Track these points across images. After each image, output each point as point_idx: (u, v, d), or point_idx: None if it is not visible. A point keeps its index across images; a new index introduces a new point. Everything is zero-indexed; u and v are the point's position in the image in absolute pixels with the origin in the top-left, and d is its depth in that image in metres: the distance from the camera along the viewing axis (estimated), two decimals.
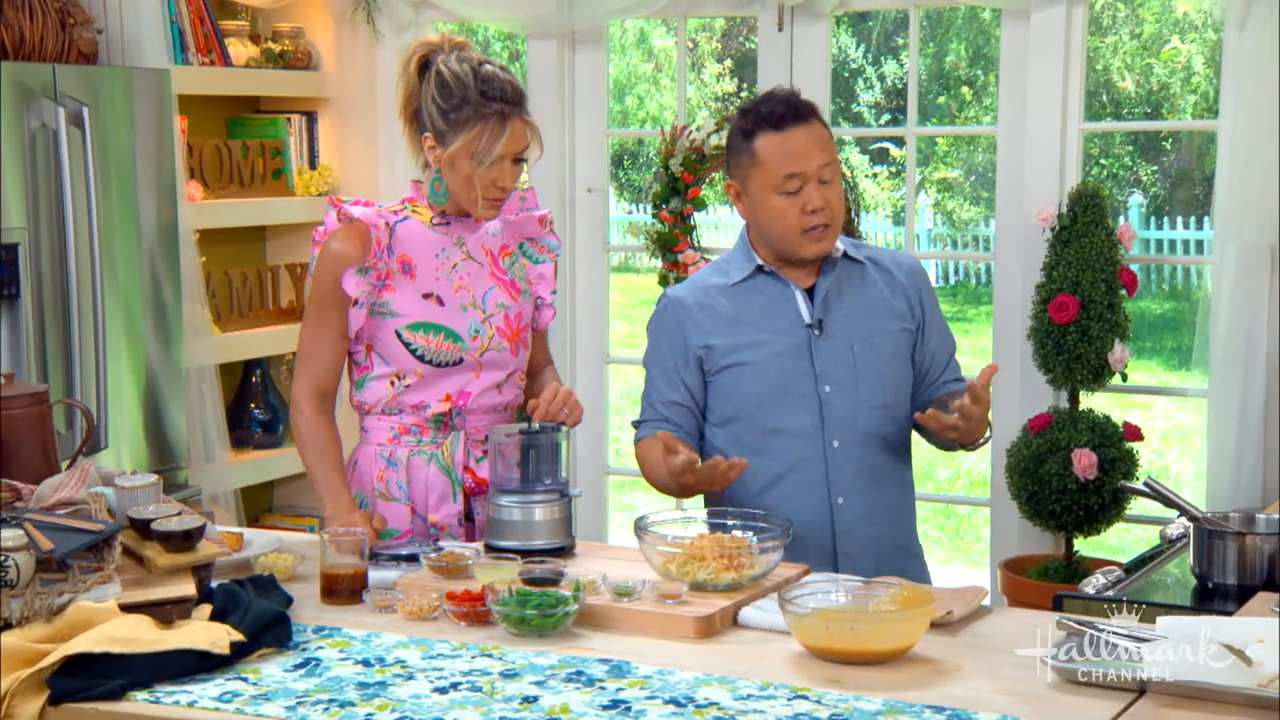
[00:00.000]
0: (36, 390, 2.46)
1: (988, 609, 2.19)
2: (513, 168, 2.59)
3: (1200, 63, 11.30)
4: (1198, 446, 4.99)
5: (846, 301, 2.61)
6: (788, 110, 2.57)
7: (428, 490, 2.63)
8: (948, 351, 2.69)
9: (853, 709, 1.79)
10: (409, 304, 2.61)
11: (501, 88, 2.55)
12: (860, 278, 2.64)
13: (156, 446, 3.95)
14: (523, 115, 2.58)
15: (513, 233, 2.73)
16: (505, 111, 2.54)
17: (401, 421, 2.63)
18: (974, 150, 12.95)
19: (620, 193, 12.09)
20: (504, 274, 2.68)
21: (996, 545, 4.25)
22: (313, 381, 2.61)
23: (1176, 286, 11.77)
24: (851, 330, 2.59)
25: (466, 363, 2.61)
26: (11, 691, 1.82)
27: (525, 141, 2.59)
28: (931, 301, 2.68)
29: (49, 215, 3.63)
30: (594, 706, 1.80)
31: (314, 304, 2.63)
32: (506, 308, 2.65)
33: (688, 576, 2.19)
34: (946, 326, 2.72)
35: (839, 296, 2.61)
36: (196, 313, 4.12)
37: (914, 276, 2.67)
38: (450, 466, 2.63)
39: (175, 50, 4.20)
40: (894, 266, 2.67)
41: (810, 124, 2.58)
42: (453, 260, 2.64)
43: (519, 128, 2.57)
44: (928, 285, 2.69)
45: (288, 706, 1.81)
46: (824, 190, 2.55)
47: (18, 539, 1.99)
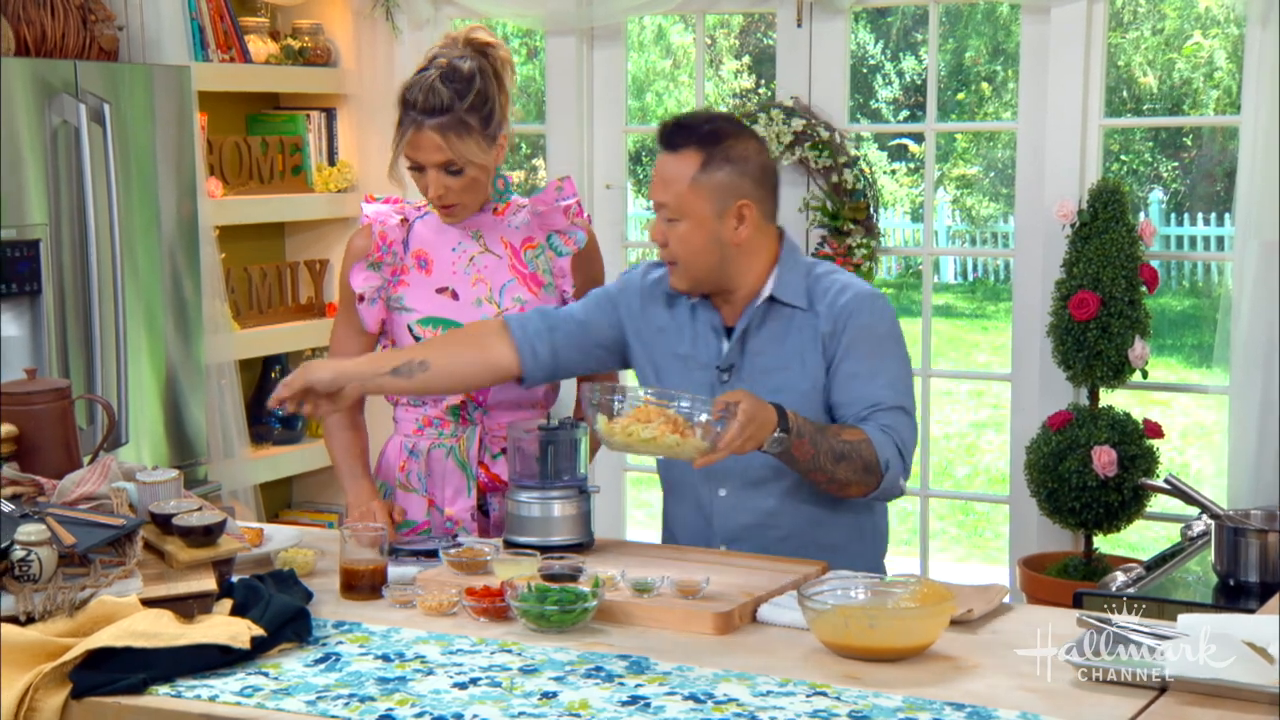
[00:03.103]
0: (59, 385, 2.47)
1: (1008, 606, 2.18)
2: (442, 176, 2.56)
3: (1223, 58, 11.24)
4: (1218, 443, 4.97)
5: (764, 350, 2.42)
6: (666, 132, 2.40)
7: (444, 483, 2.66)
8: (855, 400, 2.37)
9: (872, 705, 1.79)
10: (421, 299, 2.64)
11: (418, 96, 2.54)
12: (785, 323, 2.42)
13: (176, 442, 3.96)
14: (436, 128, 2.52)
15: (541, 224, 2.71)
16: (415, 120, 2.54)
17: (425, 413, 2.67)
18: (993, 146, 12.91)
19: (639, 189, 12.08)
20: (525, 267, 2.67)
21: (1015, 542, 4.24)
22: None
23: (1197, 283, 11.72)
24: (759, 384, 2.36)
25: None
26: (35, 685, 1.83)
27: (438, 155, 2.54)
28: (853, 342, 2.38)
29: (70, 211, 3.64)
30: (613, 702, 1.80)
31: (339, 300, 2.75)
32: (523, 301, 2.65)
33: (630, 437, 2.15)
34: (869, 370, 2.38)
35: (757, 344, 2.43)
36: (216, 309, 4.13)
37: (841, 320, 2.39)
38: (466, 461, 2.65)
39: (195, 47, 4.21)
40: (826, 311, 2.40)
41: (676, 154, 2.37)
42: (469, 254, 2.65)
43: (425, 138, 2.53)
44: (857, 326, 2.39)
45: (308, 701, 1.81)
46: (665, 228, 2.38)
47: (40, 534, 2.00)
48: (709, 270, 2.40)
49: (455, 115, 2.54)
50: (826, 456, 2.30)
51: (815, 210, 4.26)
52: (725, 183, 2.36)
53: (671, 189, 2.36)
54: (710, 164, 2.35)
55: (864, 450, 2.32)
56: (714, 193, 2.35)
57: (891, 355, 2.41)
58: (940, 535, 6.47)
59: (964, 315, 11.40)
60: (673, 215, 2.37)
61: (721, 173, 2.36)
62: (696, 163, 2.35)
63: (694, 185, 2.35)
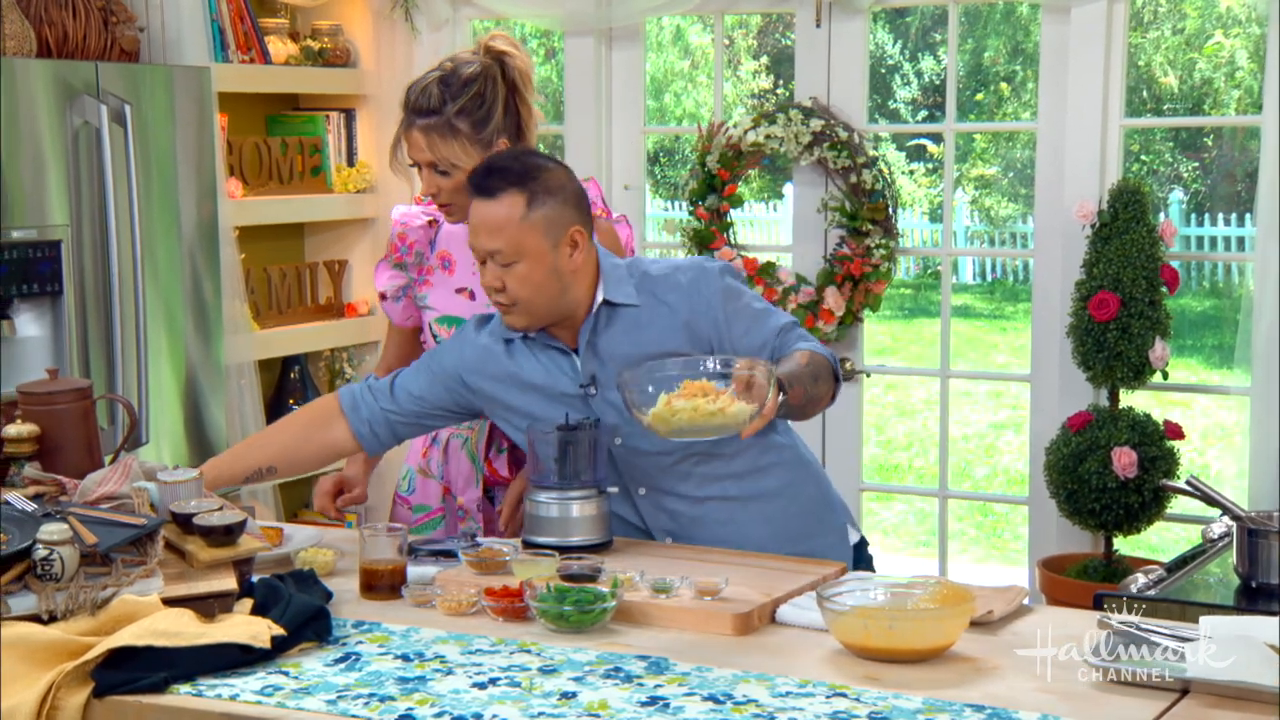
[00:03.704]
0: (81, 385, 2.48)
1: (1028, 608, 2.18)
2: (435, 176, 2.61)
3: (1244, 58, 11.18)
4: (1239, 445, 4.95)
5: (617, 349, 2.42)
6: (477, 179, 2.37)
7: (458, 473, 2.77)
8: (764, 335, 2.43)
9: (892, 707, 1.79)
10: (441, 298, 2.74)
11: (412, 97, 2.61)
12: (631, 320, 2.43)
13: (197, 442, 3.98)
14: (424, 129, 2.57)
15: None
16: (408, 119, 2.62)
17: None
18: (1012, 146, 12.87)
19: (656, 190, 12.08)
20: None
21: (1035, 544, 4.23)
22: (382, 367, 2.84)
23: (1218, 284, 11.66)
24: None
25: None
26: (57, 684, 1.84)
27: (424, 155, 2.59)
28: (726, 306, 2.42)
29: (91, 212, 3.66)
30: (632, 703, 1.80)
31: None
32: None
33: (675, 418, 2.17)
34: (761, 312, 2.45)
35: (607, 347, 2.43)
36: (236, 309, 4.15)
37: (694, 297, 2.42)
38: (475, 453, 2.75)
39: (216, 48, 4.23)
40: (671, 293, 2.43)
41: (496, 199, 2.34)
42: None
43: (413, 137, 2.60)
44: (717, 292, 2.42)
45: (328, 700, 1.82)
46: (500, 273, 2.36)
47: (63, 533, 2.01)
48: (551, 302, 2.40)
49: (444, 118, 2.58)
50: (809, 382, 2.34)
51: (834, 210, 4.25)
52: (553, 215, 2.36)
53: (502, 234, 2.34)
54: (534, 201, 2.35)
55: (819, 361, 2.39)
56: (546, 227, 2.36)
57: (752, 294, 2.50)
58: (959, 536, 6.45)
59: (983, 316, 11.37)
60: (508, 259, 2.35)
61: (546, 207, 2.36)
62: (521, 202, 2.35)
63: (525, 224, 2.35)
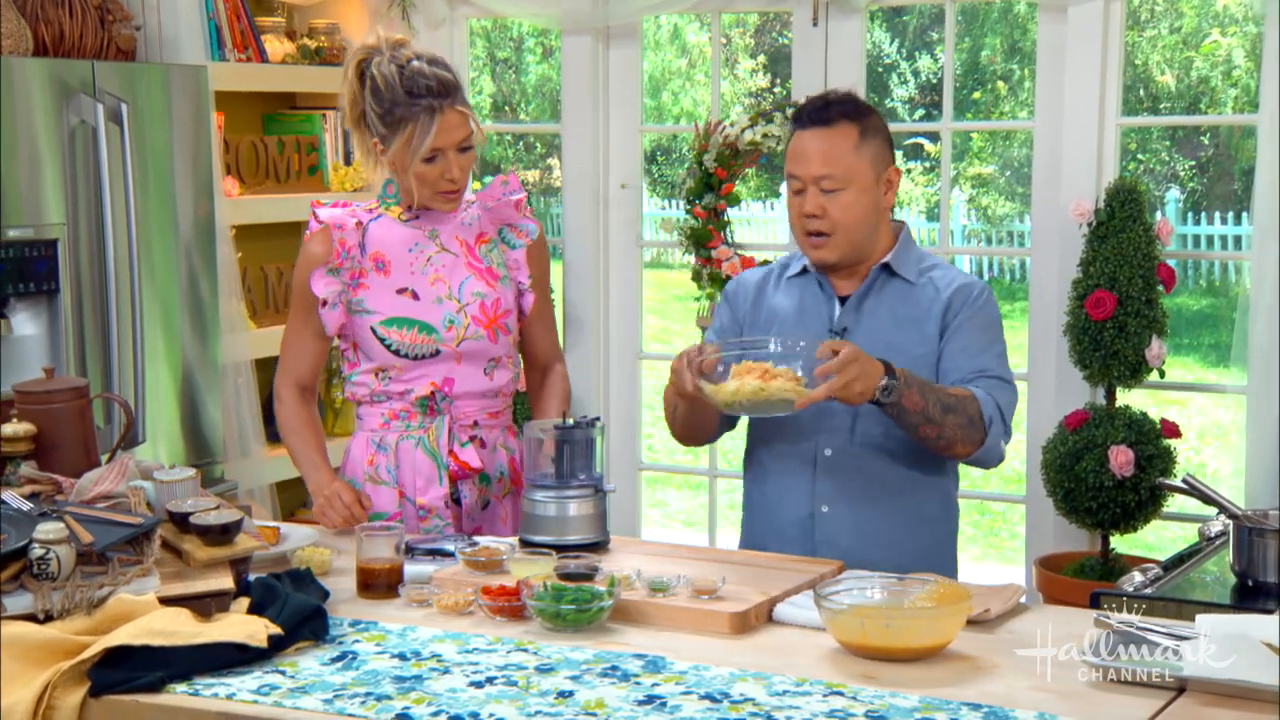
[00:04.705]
0: (77, 385, 2.48)
1: (1025, 606, 2.18)
2: (459, 157, 2.62)
3: (1241, 56, 11.19)
4: (1236, 443, 4.95)
5: (877, 314, 2.55)
6: (813, 111, 2.53)
7: (415, 474, 2.69)
8: (963, 368, 2.51)
9: (889, 705, 1.79)
10: (382, 300, 2.67)
11: (427, 83, 2.57)
12: (902, 294, 2.56)
13: (193, 441, 3.98)
14: (454, 105, 2.59)
15: (492, 219, 2.76)
16: (433, 106, 2.58)
17: (390, 408, 2.71)
18: (1009, 145, 12.87)
19: (654, 188, 12.08)
20: (480, 262, 2.72)
21: (1032, 542, 4.23)
22: (292, 376, 2.76)
23: (1214, 282, 11.67)
24: (871, 344, 2.47)
25: (444, 354, 2.67)
26: (53, 683, 1.84)
27: (461, 132, 2.60)
28: (967, 319, 2.53)
29: (88, 211, 3.66)
30: (629, 701, 1.80)
31: (293, 304, 2.77)
32: (483, 296, 2.69)
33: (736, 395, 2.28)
34: (979, 344, 2.53)
35: (871, 308, 2.55)
36: (233, 308, 4.14)
37: (958, 296, 2.54)
38: (436, 450, 2.68)
39: (212, 47, 4.23)
40: (944, 287, 2.56)
41: (832, 128, 2.50)
42: (426, 254, 2.69)
43: (450, 119, 2.58)
44: (970, 305, 2.54)
45: (325, 699, 1.82)
46: (823, 199, 2.48)
47: (59, 532, 2.01)
48: (865, 236, 2.52)
49: (461, 92, 2.62)
50: (935, 407, 2.40)
51: None
52: (878, 151, 2.52)
53: (836, 160, 2.47)
54: (865, 134, 2.50)
55: (969, 405, 2.44)
56: (872, 160, 2.51)
57: (999, 337, 2.58)
58: None
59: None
60: (837, 185, 2.48)
61: (874, 142, 2.51)
62: (855, 132, 2.49)
63: (857, 153, 2.49)
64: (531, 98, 12.44)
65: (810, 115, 2.52)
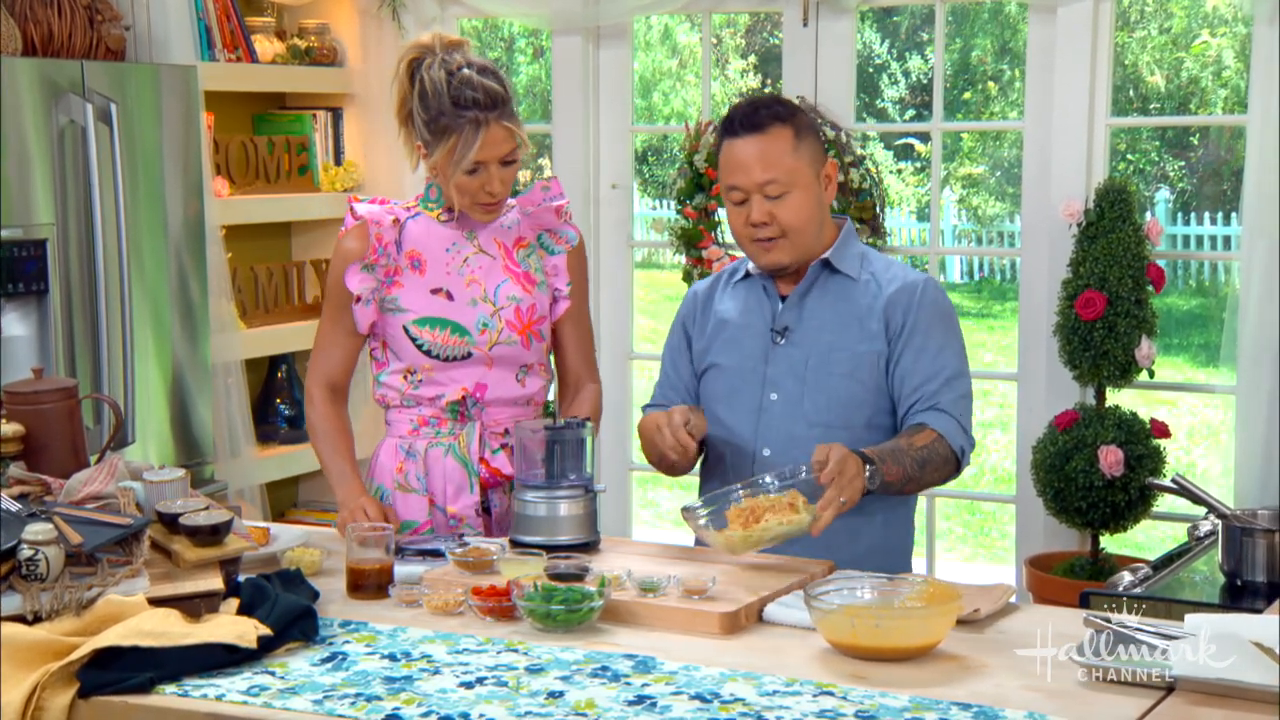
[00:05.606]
0: (66, 385, 2.47)
1: (1015, 606, 2.18)
2: (501, 171, 2.58)
3: (1230, 57, 11.22)
4: (1225, 443, 4.97)
5: (819, 313, 2.53)
6: (743, 118, 2.48)
7: (445, 481, 2.64)
8: (922, 373, 2.47)
9: (878, 705, 1.79)
10: (416, 299, 2.63)
11: (474, 95, 2.53)
12: (844, 290, 2.53)
13: (183, 441, 3.97)
14: (500, 120, 2.54)
15: (531, 224, 2.72)
16: (479, 119, 2.53)
17: (420, 414, 2.66)
18: (999, 145, 12.89)
19: (644, 189, 12.09)
20: (518, 266, 2.68)
21: (1022, 542, 4.24)
22: (324, 375, 2.70)
23: (1204, 282, 11.69)
24: (813, 342, 2.49)
25: (476, 357, 2.62)
26: (42, 684, 1.83)
27: (506, 146, 2.56)
28: (921, 320, 2.49)
29: (77, 211, 3.65)
30: (619, 702, 1.80)
31: (327, 300, 2.72)
32: (518, 300, 2.65)
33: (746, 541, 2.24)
34: (939, 349, 2.49)
35: (813, 306, 2.53)
36: (223, 308, 4.14)
37: (905, 295, 2.50)
38: (467, 457, 2.64)
39: (202, 47, 4.22)
40: (888, 284, 2.52)
41: (766, 133, 2.46)
42: (464, 255, 2.65)
43: (495, 133, 2.54)
44: (922, 305, 2.50)
45: (315, 700, 1.81)
46: (770, 205, 2.46)
47: (47, 533, 2.00)
48: (814, 235, 2.52)
49: (510, 105, 2.58)
50: (913, 467, 2.40)
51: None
52: (813, 149, 2.51)
53: (776, 163, 2.46)
54: (800, 134, 2.50)
55: (939, 448, 2.44)
56: (810, 159, 2.50)
57: (955, 330, 2.55)
58: (946, 535, 6.46)
59: (970, 314, 11.38)
60: (782, 189, 2.47)
61: (808, 140, 2.51)
62: (789, 134, 2.48)
63: (796, 154, 2.48)
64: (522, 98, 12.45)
65: (742, 122, 2.48)
